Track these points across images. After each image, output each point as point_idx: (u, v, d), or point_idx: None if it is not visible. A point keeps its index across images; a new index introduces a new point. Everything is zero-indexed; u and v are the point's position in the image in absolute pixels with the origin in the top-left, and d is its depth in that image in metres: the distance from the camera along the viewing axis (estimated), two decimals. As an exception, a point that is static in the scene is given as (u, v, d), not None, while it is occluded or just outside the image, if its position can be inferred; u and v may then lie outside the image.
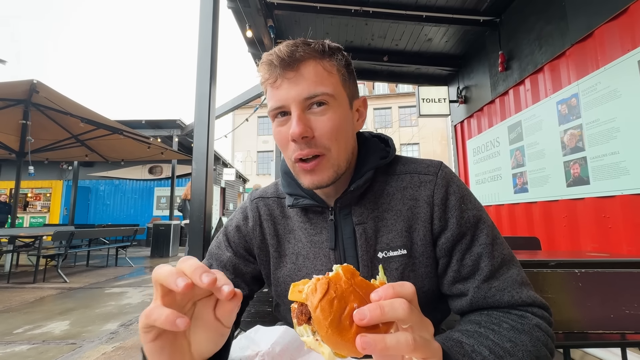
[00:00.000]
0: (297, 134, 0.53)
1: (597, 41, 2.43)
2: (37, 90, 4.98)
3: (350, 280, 0.32)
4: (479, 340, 0.45)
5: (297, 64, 0.54)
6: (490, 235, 0.57)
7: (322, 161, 0.56)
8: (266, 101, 0.59)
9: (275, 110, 0.56)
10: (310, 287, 0.32)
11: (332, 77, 0.56)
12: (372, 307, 0.30)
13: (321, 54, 0.56)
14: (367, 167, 0.61)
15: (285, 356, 0.46)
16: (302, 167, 0.57)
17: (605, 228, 2.35)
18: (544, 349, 0.47)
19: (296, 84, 0.54)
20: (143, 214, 11.39)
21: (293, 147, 0.56)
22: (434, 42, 4.28)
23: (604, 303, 0.95)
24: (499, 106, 3.73)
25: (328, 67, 0.56)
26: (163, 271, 0.34)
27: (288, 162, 0.60)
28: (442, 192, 0.59)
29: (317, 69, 0.55)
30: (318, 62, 0.56)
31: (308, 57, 0.55)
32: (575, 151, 2.60)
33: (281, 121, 0.56)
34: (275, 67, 0.54)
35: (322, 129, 0.55)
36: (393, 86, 23.86)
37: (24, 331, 2.78)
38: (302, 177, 0.58)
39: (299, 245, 0.65)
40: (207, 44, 2.14)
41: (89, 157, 8.18)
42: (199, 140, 2.01)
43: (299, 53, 0.54)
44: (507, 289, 0.52)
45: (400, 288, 0.32)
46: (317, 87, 0.54)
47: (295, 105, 0.54)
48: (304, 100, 0.54)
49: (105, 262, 6.77)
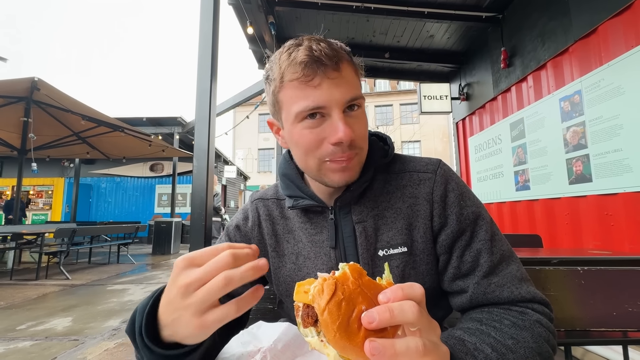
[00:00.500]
0: (349, 138, 0.52)
1: (600, 37, 2.41)
2: (38, 88, 4.98)
3: (358, 280, 0.31)
4: (480, 338, 0.45)
5: (340, 63, 0.53)
6: (489, 232, 0.57)
7: (355, 159, 0.56)
8: (283, 101, 0.56)
9: (312, 110, 0.52)
10: (317, 288, 0.31)
11: (358, 79, 0.58)
12: (381, 310, 0.29)
13: (350, 55, 0.57)
14: (368, 166, 0.61)
15: (287, 353, 0.46)
16: (337, 164, 0.55)
17: (607, 226, 2.34)
18: (546, 345, 0.47)
19: (338, 85, 0.52)
20: (144, 211, 11.43)
21: (330, 149, 0.54)
22: (436, 39, 4.26)
23: (606, 301, 0.95)
24: (501, 103, 3.71)
25: (355, 69, 0.57)
26: (240, 274, 0.34)
27: (313, 162, 0.56)
28: (441, 189, 0.59)
29: (353, 71, 0.56)
30: (350, 64, 0.56)
31: (345, 57, 0.55)
32: (577, 148, 2.59)
33: (313, 122, 0.53)
34: (320, 66, 0.51)
35: (359, 131, 0.55)
36: (394, 83, 23.77)
37: (26, 327, 2.80)
38: (331, 174, 0.57)
39: (299, 246, 0.65)
40: (208, 40, 2.13)
41: (90, 155, 8.20)
42: (200, 138, 2.01)
43: (340, 52, 0.54)
44: (506, 285, 0.53)
45: (410, 290, 0.31)
46: (357, 90, 0.55)
47: (339, 107, 0.52)
48: (346, 103, 0.53)
49: (107, 259, 6.80)
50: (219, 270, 0.34)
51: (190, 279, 0.34)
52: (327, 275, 0.32)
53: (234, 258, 0.34)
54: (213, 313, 0.34)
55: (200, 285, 0.34)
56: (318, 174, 0.58)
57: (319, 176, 0.58)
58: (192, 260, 0.36)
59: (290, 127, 0.56)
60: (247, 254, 0.36)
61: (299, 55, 0.52)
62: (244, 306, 0.35)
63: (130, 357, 2.24)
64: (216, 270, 0.34)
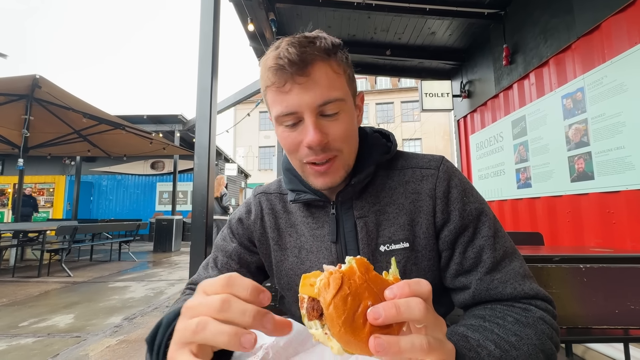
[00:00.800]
0: (316, 143, 0.52)
1: (604, 34, 2.39)
2: (39, 85, 4.98)
3: (365, 275, 0.31)
4: (484, 335, 0.45)
5: (308, 67, 0.52)
6: (492, 228, 0.57)
7: (334, 163, 0.56)
8: (268, 104, 0.57)
9: (285, 116, 0.54)
10: (323, 282, 0.31)
11: (340, 78, 0.55)
12: (388, 306, 0.29)
13: (327, 53, 0.54)
14: (369, 162, 0.62)
15: (290, 349, 0.45)
16: (314, 169, 0.57)
17: (609, 223, 2.33)
18: (549, 342, 0.47)
19: (308, 89, 0.52)
20: (145, 209, 11.45)
21: (305, 152, 0.55)
22: (438, 36, 4.23)
23: (608, 298, 0.95)
24: (502, 101, 3.70)
25: (335, 67, 0.55)
26: (214, 330, 0.29)
27: (296, 163, 0.59)
28: (444, 185, 0.59)
29: (328, 72, 0.53)
30: (326, 64, 0.54)
31: (318, 58, 0.53)
32: (580, 146, 2.58)
33: (290, 126, 0.55)
34: (285, 71, 0.51)
35: (335, 133, 0.54)
36: (395, 81, 23.69)
37: (29, 324, 2.81)
38: (313, 179, 0.58)
39: (301, 239, 0.65)
40: (209, 37, 2.12)
41: (91, 152, 8.21)
42: (200, 135, 2.01)
43: (309, 55, 0.52)
44: (509, 281, 0.52)
45: (417, 286, 0.31)
46: (330, 92, 0.53)
47: (310, 111, 0.52)
48: (317, 107, 0.52)
49: (108, 256, 6.82)
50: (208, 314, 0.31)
51: (190, 304, 0.33)
52: (333, 269, 0.32)
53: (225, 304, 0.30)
54: (183, 356, 0.31)
55: (194, 315, 0.31)
56: (303, 175, 0.61)
57: (304, 177, 0.60)
58: (204, 288, 0.34)
59: (275, 128, 0.58)
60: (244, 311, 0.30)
61: (268, 62, 0.53)
62: None
63: (132, 354, 2.25)
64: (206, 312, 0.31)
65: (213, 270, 0.67)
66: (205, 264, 0.70)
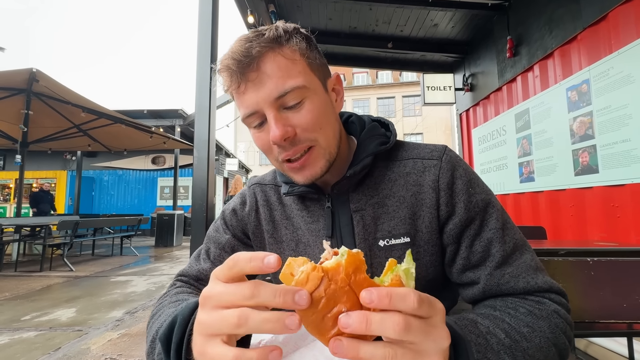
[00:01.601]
0: (279, 138, 0.49)
1: (610, 24, 2.34)
2: (37, 79, 4.95)
3: (350, 277, 0.28)
4: (494, 322, 0.43)
5: (256, 61, 0.49)
6: (500, 220, 0.54)
7: (312, 154, 0.53)
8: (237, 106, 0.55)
9: (249, 117, 0.52)
10: (302, 277, 0.29)
11: (297, 64, 0.51)
12: (358, 319, 0.27)
13: (278, 42, 0.50)
14: (366, 153, 0.58)
15: (289, 345, 0.44)
16: (290, 167, 0.54)
17: (613, 217, 2.31)
18: (563, 336, 0.45)
19: (261, 84, 0.49)
20: (147, 204, 11.48)
21: (277, 149, 0.53)
22: (440, 28, 4.16)
23: (615, 292, 0.93)
24: (506, 94, 3.65)
25: (289, 55, 0.51)
26: (258, 319, 0.28)
27: (275, 163, 0.57)
28: (448, 176, 0.56)
29: (279, 62, 0.50)
30: (277, 53, 0.50)
31: (265, 50, 0.49)
32: (584, 139, 2.54)
33: (258, 127, 0.53)
34: (234, 72, 0.49)
35: (302, 124, 0.51)
36: (397, 75, 23.52)
37: (31, 318, 2.82)
38: (293, 175, 0.56)
39: (298, 233, 0.63)
40: (207, 29, 2.08)
41: (91, 147, 8.20)
42: (200, 128, 1.98)
43: (255, 49, 0.48)
44: (521, 275, 0.50)
45: (400, 302, 0.27)
46: (285, 82, 0.49)
47: (268, 107, 0.49)
48: (275, 100, 0.49)
49: (110, 251, 6.85)
50: (238, 303, 0.30)
51: (210, 293, 0.32)
52: (318, 263, 0.30)
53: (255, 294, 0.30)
54: (214, 348, 0.30)
55: (220, 304, 0.31)
56: (285, 173, 0.58)
57: (287, 175, 0.58)
58: (218, 275, 0.33)
59: (250, 133, 0.57)
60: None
61: (220, 65, 0.51)
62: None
63: (133, 347, 2.25)
64: (235, 301, 0.30)
65: (205, 262, 0.64)
66: (196, 255, 0.67)
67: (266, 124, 0.52)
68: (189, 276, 0.64)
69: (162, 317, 0.48)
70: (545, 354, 0.42)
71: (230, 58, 0.49)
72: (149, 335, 0.48)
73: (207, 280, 0.36)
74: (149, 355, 0.45)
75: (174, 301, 0.52)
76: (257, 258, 0.30)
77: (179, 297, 0.54)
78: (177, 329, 0.37)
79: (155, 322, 0.49)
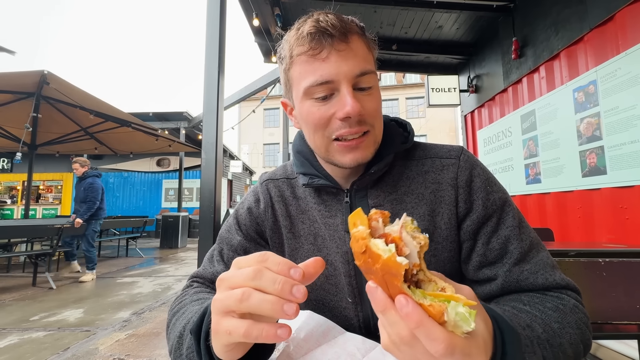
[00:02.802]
0: (356, 112, 0.50)
1: (617, 25, 2.33)
2: (47, 82, 5.00)
3: (384, 275, 0.28)
4: (530, 317, 0.44)
5: (349, 35, 0.51)
6: (516, 218, 0.55)
7: (367, 137, 0.54)
8: (292, 79, 0.55)
9: (320, 85, 0.51)
10: (356, 234, 0.29)
11: (371, 55, 0.55)
12: (408, 307, 0.27)
13: (362, 30, 0.55)
14: (388, 150, 0.59)
15: (311, 341, 0.44)
16: (343, 145, 0.54)
17: (622, 219, 2.29)
18: (587, 331, 0.46)
19: (347, 58, 0.50)
20: (152, 206, 11.55)
21: (337, 125, 0.52)
22: (445, 30, 4.17)
23: (628, 293, 0.92)
24: (511, 95, 3.63)
25: (368, 45, 0.55)
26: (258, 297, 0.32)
27: (321, 141, 0.55)
28: (467, 175, 0.57)
29: (364, 46, 0.54)
30: (362, 38, 0.54)
31: (355, 30, 0.53)
32: (591, 140, 2.52)
33: (321, 99, 0.52)
34: (326, 37, 0.50)
35: (370, 107, 0.53)
36: (400, 77, 23.51)
37: (39, 318, 2.85)
38: (341, 155, 0.55)
39: (315, 226, 0.63)
40: (215, 31, 2.11)
41: (98, 150, 8.27)
42: (208, 130, 2.00)
43: (349, 25, 0.52)
44: (540, 272, 0.51)
45: (425, 338, 0.27)
46: (367, 64, 0.52)
47: (347, 81, 0.51)
48: (355, 77, 0.51)
49: (116, 252, 6.90)
50: (245, 282, 0.33)
51: (225, 276, 0.35)
52: (387, 229, 0.30)
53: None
54: (228, 321, 0.33)
55: (230, 285, 0.34)
56: (327, 154, 0.56)
57: (328, 157, 0.57)
58: (238, 263, 0.36)
59: (300, 105, 0.55)
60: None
61: (305, 27, 0.51)
62: (260, 335, 0.32)
63: (141, 348, 2.27)
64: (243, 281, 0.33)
65: (219, 264, 0.64)
66: (210, 256, 0.67)
67: (333, 98, 0.52)
68: (204, 278, 0.64)
69: (186, 314, 0.49)
70: (575, 349, 0.43)
71: (326, 22, 0.50)
72: (174, 331, 0.48)
73: None
74: (175, 351, 0.46)
75: (196, 299, 0.53)
76: (286, 265, 0.33)
77: (200, 295, 0.55)
78: (207, 318, 0.39)
79: (180, 319, 0.49)
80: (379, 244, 0.28)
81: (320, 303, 0.61)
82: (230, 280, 0.34)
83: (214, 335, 0.35)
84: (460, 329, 0.26)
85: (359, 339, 0.46)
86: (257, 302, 0.31)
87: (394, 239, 0.28)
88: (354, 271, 0.58)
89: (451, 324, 0.26)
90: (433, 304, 0.26)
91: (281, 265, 0.33)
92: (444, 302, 0.27)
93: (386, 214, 0.31)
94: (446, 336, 0.26)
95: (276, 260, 0.33)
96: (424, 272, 0.30)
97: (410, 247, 0.28)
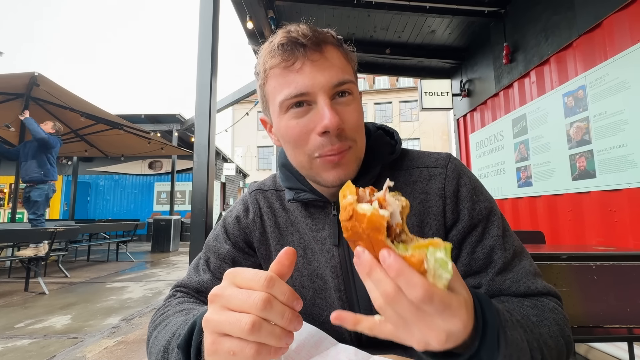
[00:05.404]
0: (335, 125, 0.47)
1: (605, 31, 2.38)
2: (37, 84, 4.92)
3: (369, 232, 0.30)
4: (508, 307, 0.44)
5: (323, 45, 0.50)
6: (500, 227, 0.55)
7: (348, 153, 0.51)
8: (268, 94, 0.53)
9: (295, 98, 0.48)
10: (344, 202, 0.32)
11: (349, 65, 0.53)
12: (365, 262, 0.30)
13: (338, 42, 0.53)
14: (375, 162, 0.59)
15: (303, 353, 0.43)
16: (326, 160, 0.51)
17: (611, 222, 2.32)
18: (567, 329, 0.47)
19: (322, 68, 0.48)
20: (143, 209, 11.40)
21: (319, 141, 0.49)
22: (437, 34, 4.22)
23: (617, 297, 0.93)
24: (503, 99, 3.69)
25: (344, 55, 0.53)
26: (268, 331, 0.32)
27: (302, 159, 0.53)
28: (454, 184, 0.57)
29: (340, 55, 0.52)
30: (337, 48, 0.52)
31: (330, 40, 0.51)
32: (581, 144, 2.56)
33: (299, 112, 0.49)
34: (298, 47, 0.48)
35: (350, 120, 0.50)
36: (394, 80, 23.71)
37: (25, 325, 2.77)
38: (325, 172, 0.52)
39: (304, 239, 0.62)
40: (208, 34, 2.09)
41: (88, 153, 8.14)
42: (200, 133, 1.98)
43: (322, 35, 0.50)
44: (522, 280, 0.51)
45: (405, 284, 0.28)
46: (344, 73, 0.50)
47: (324, 92, 0.48)
48: (332, 87, 0.49)
49: (106, 256, 6.77)
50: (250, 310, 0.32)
51: (222, 292, 0.34)
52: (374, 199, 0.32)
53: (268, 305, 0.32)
54: (231, 342, 0.33)
55: (233, 308, 0.33)
56: (310, 172, 0.54)
57: (312, 175, 0.55)
58: (236, 280, 0.35)
59: (278, 121, 0.53)
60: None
61: (276, 39, 0.50)
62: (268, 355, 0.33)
63: (130, 355, 2.21)
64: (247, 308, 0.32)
65: (205, 274, 0.62)
66: (195, 265, 0.65)
67: (310, 112, 0.50)
68: (188, 287, 0.62)
69: (170, 327, 0.47)
70: (555, 342, 0.43)
71: (297, 32, 0.48)
72: (156, 345, 0.46)
73: (209, 293, 0.35)
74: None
75: (180, 310, 0.51)
76: (292, 295, 0.34)
77: (184, 306, 0.53)
78: (196, 333, 0.37)
79: (162, 332, 0.48)
80: (364, 206, 0.30)
81: (310, 317, 0.60)
82: (230, 301, 0.33)
83: (211, 355, 0.34)
84: (441, 281, 0.28)
85: (352, 350, 0.45)
86: (266, 335, 0.32)
87: (378, 199, 0.31)
88: (344, 285, 0.57)
89: (431, 273, 0.28)
90: (414, 254, 0.28)
91: (287, 296, 0.33)
92: (424, 249, 0.28)
93: (373, 189, 0.33)
94: (425, 282, 0.27)
95: (282, 290, 0.33)
96: (406, 234, 0.32)
97: (393, 207, 0.30)
